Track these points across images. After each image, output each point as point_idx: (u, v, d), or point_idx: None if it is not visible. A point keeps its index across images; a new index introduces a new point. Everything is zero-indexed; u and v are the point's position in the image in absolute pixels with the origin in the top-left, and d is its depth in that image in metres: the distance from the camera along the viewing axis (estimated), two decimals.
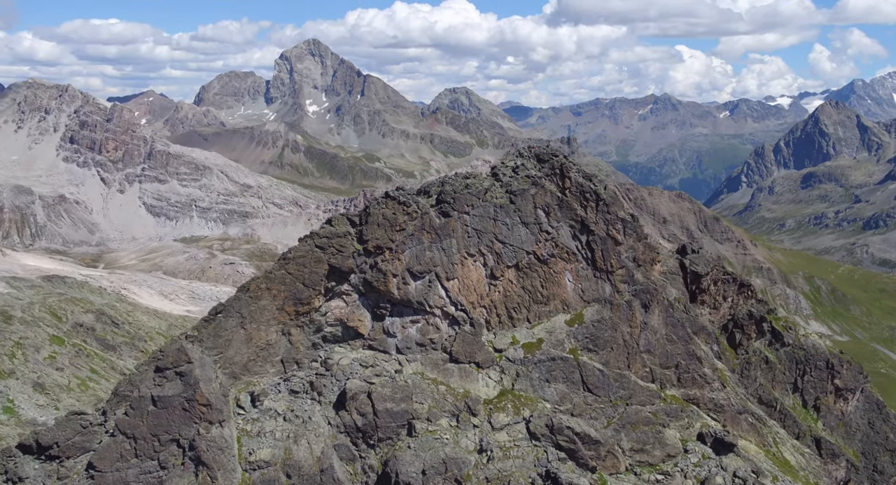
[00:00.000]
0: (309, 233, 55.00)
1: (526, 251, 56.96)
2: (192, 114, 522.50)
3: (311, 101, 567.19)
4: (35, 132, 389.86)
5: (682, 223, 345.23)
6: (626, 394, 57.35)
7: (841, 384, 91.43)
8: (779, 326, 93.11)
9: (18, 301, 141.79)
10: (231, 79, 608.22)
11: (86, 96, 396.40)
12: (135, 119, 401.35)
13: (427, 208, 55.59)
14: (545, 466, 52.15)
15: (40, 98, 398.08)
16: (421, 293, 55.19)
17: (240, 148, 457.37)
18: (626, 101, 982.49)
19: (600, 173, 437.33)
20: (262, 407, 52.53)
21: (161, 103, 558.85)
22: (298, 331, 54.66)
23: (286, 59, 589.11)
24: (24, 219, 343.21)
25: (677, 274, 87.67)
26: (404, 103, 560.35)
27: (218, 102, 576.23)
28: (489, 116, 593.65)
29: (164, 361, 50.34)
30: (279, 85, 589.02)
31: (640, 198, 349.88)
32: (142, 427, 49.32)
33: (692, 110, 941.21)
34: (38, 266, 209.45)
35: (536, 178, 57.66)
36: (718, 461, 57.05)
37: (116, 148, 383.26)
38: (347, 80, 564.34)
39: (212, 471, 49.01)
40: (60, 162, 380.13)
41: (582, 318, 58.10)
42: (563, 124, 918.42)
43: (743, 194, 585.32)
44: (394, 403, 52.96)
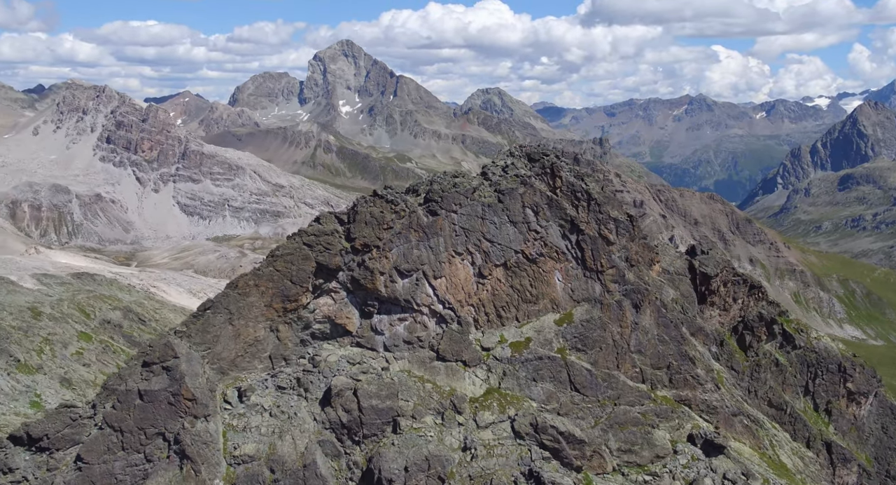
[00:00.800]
0: (297, 230, 55.58)
1: (514, 250, 57.04)
2: (227, 114, 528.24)
3: (343, 101, 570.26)
4: (73, 132, 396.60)
5: (713, 225, 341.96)
6: (615, 394, 57.17)
7: (853, 388, 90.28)
8: (790, 329, 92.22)
9: (48, 298, 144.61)
10: (265, 80, 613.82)
11: (122, 97, 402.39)
12: (169, 119, 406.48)
13: (415, 207, 55.93)
14: (528, 464, 52.20)
15: (78, 99, 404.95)
16: (408, 291, 55.54)
17: (273, 148, 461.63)
18: (661, 102, 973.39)
19: (632, 175, 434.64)
20: (248, 402, 53.20)
21: (197, 104, 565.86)
22: (286, 328, 55.27)
23: (320, 60, 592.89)
24: (62, 217, 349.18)
25: (684, 275, 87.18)
26: (436, 104, 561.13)
27: (252, 103, 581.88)
28: (522, 117, 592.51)
29: (151, 356, 51.20)
30: (313, 86, 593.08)
31: (671, 199, 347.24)
32: (128, 421, 50.20)
33: (728, 111, 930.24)
34: (69, 264, 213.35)
35: (525, 177, 57.72)
36: (708, 463, 56.66)
37: (151, 148, 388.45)
38: (380, 80, 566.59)
39: (195, 465, 49.76)
40: (97, 161, 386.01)
41: (571, 317, 58.04)
42: (597, 125, 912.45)
43: (778, 196, 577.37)
44: (379, 400, 53.32)
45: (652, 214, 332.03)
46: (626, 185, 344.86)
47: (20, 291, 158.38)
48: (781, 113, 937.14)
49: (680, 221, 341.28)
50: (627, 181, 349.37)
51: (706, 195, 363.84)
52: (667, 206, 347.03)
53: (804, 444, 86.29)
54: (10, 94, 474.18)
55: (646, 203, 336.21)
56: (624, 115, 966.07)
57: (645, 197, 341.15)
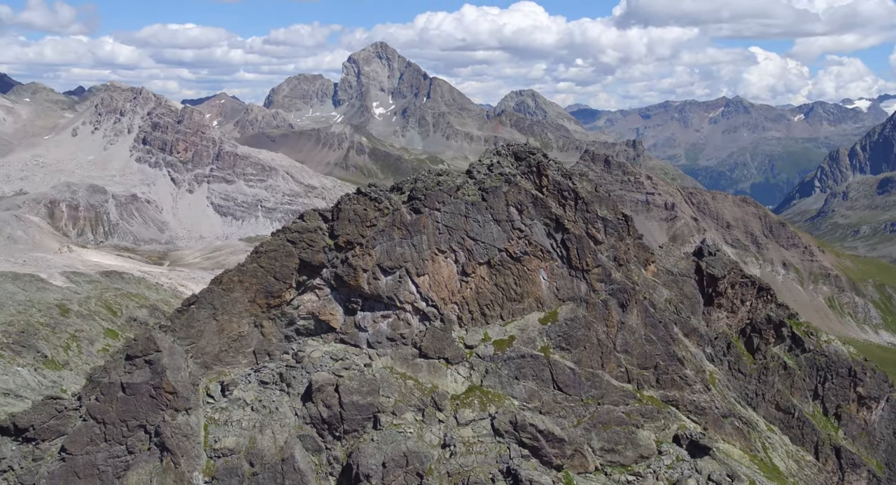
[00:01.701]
0: (282, 227, 56.16)
1: (498, 249, 57.08)
2: (262, 116, 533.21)
3: (377, 103, 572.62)
4: (110, 133, 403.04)
5: (746, 228, 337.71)
6: (599, 393, 56.94)
7: (864, 392, 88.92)
8: (799, 332, 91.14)
9: (76, 295, 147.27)
10: (300, 82, 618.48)
11: (158, 98, 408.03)
12: (204, 121, 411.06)
13: (399, 205, 56.24)
14: (507, 462, 52.20)
15: (116, 100, 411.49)
16: (391, 288, 55.85)
17: (306, 149, 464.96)
18: (697, 104, 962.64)
19: (665, 177, 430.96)
20: (231, 397, 53.87)
21: (232, 106, 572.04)
22: (270, 323, 55.87)
23: (354, 62, 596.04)
24: (98, 217, 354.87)
25: (689, 276, 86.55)
26: (470, 106, 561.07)
27: (287, 105, 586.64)
28: (555, 119, 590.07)
29: (134, 350, 52.10)
30: (347, 87, 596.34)
31: (703, 202, 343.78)
32: (111, 413, 51.12)
33: (765, 113, 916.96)
34: (99, 262, 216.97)
35: (510, 175, 57.72)
36: (693, 464, 56.21)
37: (186, 149, 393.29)
38: (414, 82, 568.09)
39: (175, 457, 50.54)
40: (133, 162, 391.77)
41: (556, 316, 57.91)
42: (631, 127, 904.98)
43: (816, 199, 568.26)
44: (360, 396, 53.70)
45: (683, 216, 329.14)
46: (657, 187, 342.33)
47: (49, 289, 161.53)
48: (820, 115, 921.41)
49: (712, 224, 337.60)
50: (659, 184, 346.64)
51: (739, 198, 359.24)
52: (699, 208, 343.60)
53: (812, 448, 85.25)
54: (51, 95, 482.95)
55: (677, 206, 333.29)
56: (659, 117, 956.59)
57: (676, 200, 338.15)
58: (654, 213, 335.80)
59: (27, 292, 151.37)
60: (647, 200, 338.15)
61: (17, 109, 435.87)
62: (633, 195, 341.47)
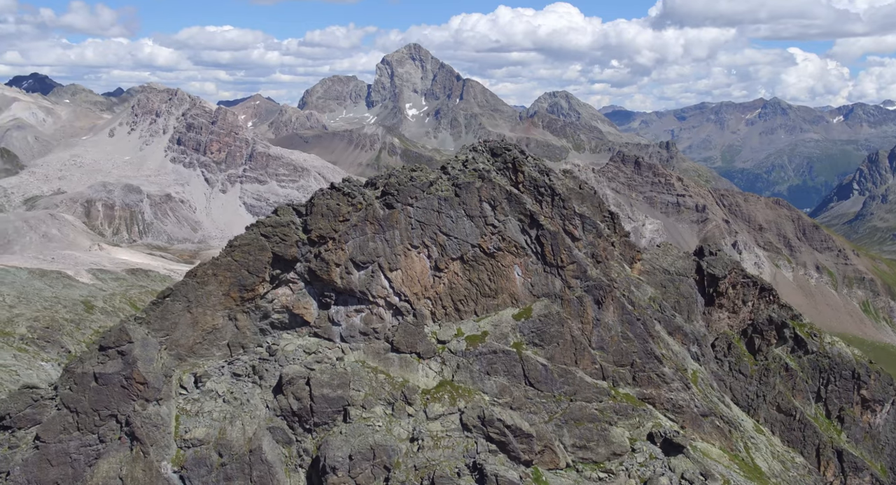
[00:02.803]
0: (256, 221, 56.81)
1: (471, 244, 57.15)
2: (296, 117, 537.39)
3: (410, 104, 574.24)
4: (146, 134, 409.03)
5: (778, 231, 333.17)
6: (571, 390, 56.76)
7: (868, 395, 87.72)
8: (802, 333, 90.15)
9: (102, 292, 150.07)
10: (334, 83, 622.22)
11: (193, 100, 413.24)
12: (238, 122, 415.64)
13: (372, 200, 56.57)
14: (473, 457, 52.29)
15: (152, 101, 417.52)
16: (364, 283, 56.22)
17: (339, 150, 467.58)
18: (733, 106, 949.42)
19: (699, 179, 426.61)
20: (203, 388, 54.61)
21: (267, 107, 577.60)
22: (245, 316, 56.52)
23: (387, 64, 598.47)
24: (133, 216, 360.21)
25: (686, 276, 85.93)
26: (502, 107, 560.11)
27: (321, 106, 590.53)
28: (588, 120, 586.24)
29: (107, 341, 53.05)
30: (380, 89, 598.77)
31: (734, 204, 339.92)
32: (83, 402, 52.10)
33: (803, 115, 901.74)
34: (127, 260, 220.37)
35: (484, 171, 57.74)
36: (666, 462, 55.86)
37: (220, 149, 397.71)
38: (447, 84, 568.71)
39: (144, 446, 51.38)
40: (168, 162, 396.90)
41: (530, 312, 57.84)
42: (667, 129, 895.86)
43: (854, 202, 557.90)
44: (330, 389, 54.14)
45: (714, 218, 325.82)
46: (688, 189, 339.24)
47: (76, 286, 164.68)
48: (860, 117, 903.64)
49: (744, 227, 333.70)
50: (690, 186, 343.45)
51: (772, 200, 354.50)
52: (730, 211, 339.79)
53: (813, 451, 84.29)
54: (90, 97, 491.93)
55: (708, 208, 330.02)
56: (695, 118, 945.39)
57: (707, 202, 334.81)
58: (685, 215, 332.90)
59: (54, 289, 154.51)
60: (678, 202, 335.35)
61: (56, 110, 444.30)
62: (664, 197, 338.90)
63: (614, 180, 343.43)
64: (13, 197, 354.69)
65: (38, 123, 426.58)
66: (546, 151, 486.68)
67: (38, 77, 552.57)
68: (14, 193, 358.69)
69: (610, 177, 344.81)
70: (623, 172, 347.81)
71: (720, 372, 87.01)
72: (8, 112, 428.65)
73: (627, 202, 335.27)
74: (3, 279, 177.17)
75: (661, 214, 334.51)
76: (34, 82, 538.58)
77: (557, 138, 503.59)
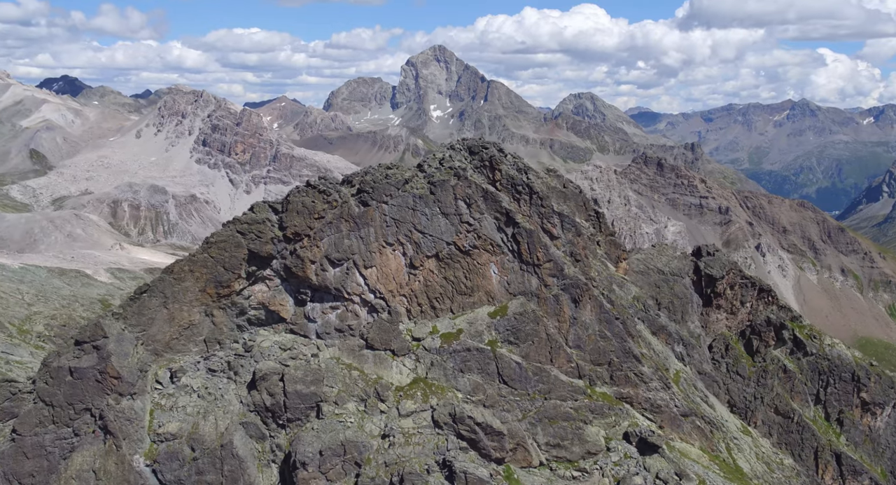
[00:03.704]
0: (232, 218, 57.31)
1: (446, 242, 57.21)
2: (321, 118, 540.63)
3: (434, 106, 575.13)
4: (172, 135, 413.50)
5: (803, 233, 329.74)
6: (546, 388, 56.59)
7: (868, 398, 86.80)
8: (802, 335, 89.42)
9: (119, 291, 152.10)
10: (359, 85, 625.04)
11: (218, 101, 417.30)
12: (262, 123, 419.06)
13: (347, 197, 56.83)
14: (443, 454, 52.31)
15: (178, 103, 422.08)
16: (339, 280, 56.48)
17: (363, 151, 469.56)
18: (761, 107, 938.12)
19: (725, 181, 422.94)
20: (178, 383, 55.18)
21: (292, 108, 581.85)
22: (221, 313, 57.01)
23: (412, 66, 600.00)
24: (159, 216, 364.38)
25: (681, 276, 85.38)
26: (527, 108, 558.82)
27: (346, 107, 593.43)
28: (614, 122, 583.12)
29: (82, 335, 53.80)
30: (405, 90, 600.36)
31: (758, 206, 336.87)
32: (59, 396, 52.88)
33: (832, 116, 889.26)
34: (146, 259, 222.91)
35: (460, 169, 57.76)
36: (641, 461, 55.49)
37: (244, 151, 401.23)
38: (471, 85, 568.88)
39: (117, 440, 52.01)
40: (193, 163, 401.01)
41: (505, 310, 57.75)
42: (693, 131, 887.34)
43: (883, 205, 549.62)
44: (304, 385, 54.44)
45: (738, 221, 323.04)
46: (711, 191, 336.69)
47: (94, 284, 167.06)
48: (891, 118, 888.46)
49: (768, 229, 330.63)
50: (713, 187, 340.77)
51: (796, 202, 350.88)
52: (754, 213, 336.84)
53: (811, 454, 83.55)
54: (118, 98, 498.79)
55: (731, 210, 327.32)
56: (722, 120, 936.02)
57: (731, 204, 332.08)
58: (708, 217, 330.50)
59: (72, 287, 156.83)
60: (701, 203, 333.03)
61: (85, 112, 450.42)
62: (687, 199, 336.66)
63: (636, 182, 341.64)
64: (41, 197, 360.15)
65: (67, 125, 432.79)
66: (570, 152, 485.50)
67: (68, 79, 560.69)
68: (42, 193, 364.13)
69: (632, 178, 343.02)
70: (645, 174, 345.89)
71: (717, 374, 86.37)
72: (38, 114, 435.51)
73: (650, 204, 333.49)
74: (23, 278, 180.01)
75: (683, 215, 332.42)
76: (64, 84, 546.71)
77: (581, 140, 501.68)
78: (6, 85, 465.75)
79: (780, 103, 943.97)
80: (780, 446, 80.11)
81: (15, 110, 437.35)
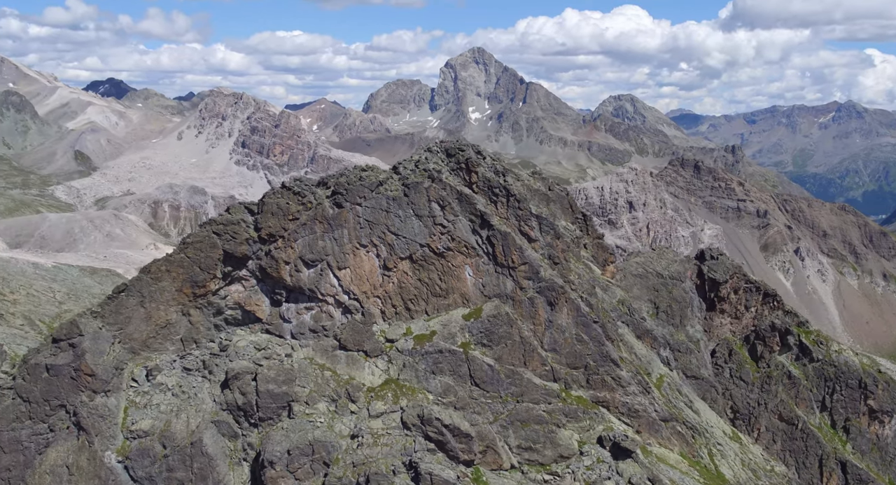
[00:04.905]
0: (209, 219, 57.97)
1: (419, 244, 57.25)
2: (360, 120, 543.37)
3: (473, 108, 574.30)
4: (212, 137, 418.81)
5: (843, 237, 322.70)
6: (518, 391, 56.34)
7: (875, 406, 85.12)
8: (808, 340, 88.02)
9: None
10: (398, 87, 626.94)
11: (258, 103, 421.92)
12: (300, 125, 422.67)
13: (322, 199, 57.18)
14: (410, 455, 52.36)
15: (219, 105, 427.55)
16: (313, 281, 56.86)
17: (400, 153, 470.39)
18: (806, 109, 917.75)
19: (766, 184, 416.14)
20: (154, 381, 56.01)
21: (332, 110, 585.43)
22: (198, 312, 57.74)
23: (451, 68, 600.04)
24: (198, 217, 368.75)
25: (680, 279, 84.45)
26: (566, 110, 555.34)
27: (385, 110, 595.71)
28: (654, 124, 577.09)
29: (59, 333, 54.88)
30: (443, 92, 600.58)
31: (797, 209, 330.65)
32: (35, 392, 53.99)
33: (880, 118, 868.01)
34: None
35: (434, 172, 57.75)
36: (614, 466, 55.00)
37: (282, 152, 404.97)
38: (510, 87, 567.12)
39: (89, 436, 52.97)
40: (232, 165, 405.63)
41: (480, 312, 57.63)
42: (736, 133, 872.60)
43: None
44: (276, 385, 54.92)
45: (776, 224, 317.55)
46: (748, 194, 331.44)
47: None
48: None
49: (807, 233, 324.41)
50: (751, 190, 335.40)
51: (837, 206, 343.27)
52: (793, 216, 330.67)
53: (816, 461, 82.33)
54: (161, 101, 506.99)
55: (770, 213, 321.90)
56: (765, 122, 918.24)
57: (769, 207, 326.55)
58: (746, 220, 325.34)
59: (102, 286, 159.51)
60: (738, 206, 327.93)
61: (128, 114, 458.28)
62: (724, 202, 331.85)
63: (672, 184, 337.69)
64: (85, 197, 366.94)
65: (111, 127, 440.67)
66: (608, 154, 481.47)
67: (114, 82, 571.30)
68: (86, 193, 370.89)
69: (668, 181, 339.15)
70: (682, 176, 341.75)
71: (719, 379, 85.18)
72: (83, 116, 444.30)
73: (686, 207, 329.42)
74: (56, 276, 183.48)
75: (720, 219, 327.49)
76: (110, 87, 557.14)
77: (620, 142, 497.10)
78: (53, 88, 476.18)
79: (826, 105, 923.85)
80: (784, 453, 78.88)
81: (61, 112, 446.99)
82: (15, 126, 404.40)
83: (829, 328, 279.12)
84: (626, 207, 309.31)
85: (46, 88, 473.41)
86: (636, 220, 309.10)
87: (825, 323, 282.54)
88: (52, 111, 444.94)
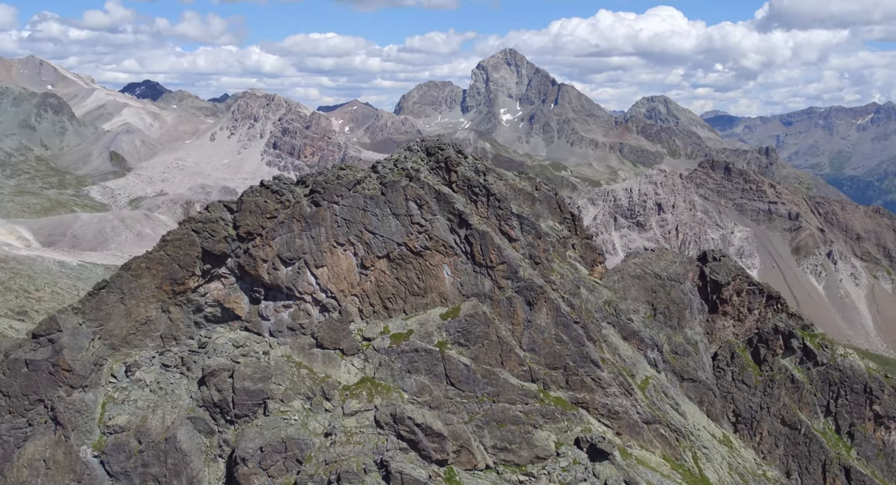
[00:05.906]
0: (188, 217, 58.38)
1: (396, 242, 57.16)
2: (391, 122, 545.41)
3: (504, 109, 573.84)
4: (245, 138, 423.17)
5: (878, 240, 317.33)
6: (495, 391, 56.00)
7: (881, 411, 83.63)
8: (812, 344, 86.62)
9: None
10: (429, 88, 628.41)
11: (289, 105, 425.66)
12: (331, 126, 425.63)
13: (300, 197, 57.31)
14: (382, 454, 52.27)
15: (251, 107, 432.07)
16: (290, 279, 57.01)
17: None
18: (843, 110, 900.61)
19: (801, 186, 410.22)
20: (132, 377, 56.48)
21: (364, 112, 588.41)
22: (178, 309, 58.15)
23: (483, 69, 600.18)
24: None
25: (678, 281, 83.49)
26: (598, 112, 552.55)
27: (416, 111, 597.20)
28: (687, 126, 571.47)
29: (39, 329, 55.60)
30: (475, 94, 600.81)
31: (830, 212, 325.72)
32: (15, 387, 54.70)
33: None
34: None
35: (412, 171, 57.62)
36: (591, 468, 54.45)
37: (313, 153, 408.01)
38: (542, 88, 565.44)
39: (66, 431, 53.55)
40: (264, 166, 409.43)
41: (457, 312, 57.37)
42: (771, 135, 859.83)
43: None
44: (252, 382, 55.14)
45: (808, 227, 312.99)
46: (780, 196, 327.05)
47: None
48: None
49: (840, 236, 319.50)
50: (783, 193, 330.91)
51: (871, 209, 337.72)
52: (826, 219, 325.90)
53: (819, 467, 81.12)
54: (196, 102, 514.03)
55: (802, 216, 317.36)
56: (802, 124, 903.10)
57: (801, 209, 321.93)
58: (777, 222, 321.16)
59: None
60: (770, 209, 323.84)
61: (163, 115, 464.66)
62: (755, 204, 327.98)
63: (703, 186, 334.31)
64: (119, 197, 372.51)
65: (146, 128, 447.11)
66: (640, 156, 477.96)
67: (150, 84, 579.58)
68: (120, 193, 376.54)
69: (698, 183, 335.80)
70: (712, 178, 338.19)
71: (720, 382, 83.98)
72: (119, 117, 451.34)
73: (716, 209, 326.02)
74: (81, 274, 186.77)
75: (751, 221, 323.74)
76: (146, 89, 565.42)
77: (652, 144, 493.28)
78: (90, 90, 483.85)
79: (864, 106, 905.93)
80: (787, 458, 77.63)
81: (98, 114, 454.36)
82: (53, 127, 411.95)
83: (861, 333, 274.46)
84: (655, 209, 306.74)
85: (83, 90, 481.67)
86: (665, 222, 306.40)
87: (858, 327, 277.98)
88: (88, 113, 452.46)
